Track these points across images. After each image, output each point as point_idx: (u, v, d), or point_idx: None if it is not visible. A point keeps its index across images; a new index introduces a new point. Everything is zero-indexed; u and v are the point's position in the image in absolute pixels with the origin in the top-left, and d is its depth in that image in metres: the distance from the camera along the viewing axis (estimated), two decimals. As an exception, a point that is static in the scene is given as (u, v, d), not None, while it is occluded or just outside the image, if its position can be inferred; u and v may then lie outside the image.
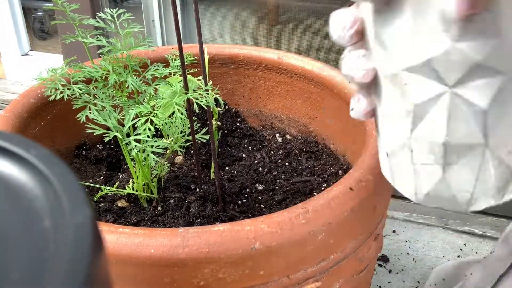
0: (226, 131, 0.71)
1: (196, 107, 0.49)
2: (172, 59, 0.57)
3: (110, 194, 0.56)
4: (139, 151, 0.46)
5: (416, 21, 0.28)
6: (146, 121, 0.46)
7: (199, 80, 0.57)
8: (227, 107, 0.75)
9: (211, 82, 0.66)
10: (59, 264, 0.17)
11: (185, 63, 0.50)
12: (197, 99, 0.47)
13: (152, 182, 0.54)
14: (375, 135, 0.52)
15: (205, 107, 0.48)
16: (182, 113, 0.46)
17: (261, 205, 0.55)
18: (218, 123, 0.70)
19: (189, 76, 0.51)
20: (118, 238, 0.38)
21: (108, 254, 0.38)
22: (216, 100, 0.54)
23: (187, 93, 0.49)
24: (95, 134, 0.45)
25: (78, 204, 0.19)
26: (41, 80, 0.49)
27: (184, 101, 0.48)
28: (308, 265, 0.42)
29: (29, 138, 0.22)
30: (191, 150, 0.63)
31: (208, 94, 0.48)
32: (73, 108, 0.48)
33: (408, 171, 0.34)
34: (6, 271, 0.17)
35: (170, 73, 0.55)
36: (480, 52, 0.27)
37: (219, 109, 0.73)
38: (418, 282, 0.78)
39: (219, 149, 0.67)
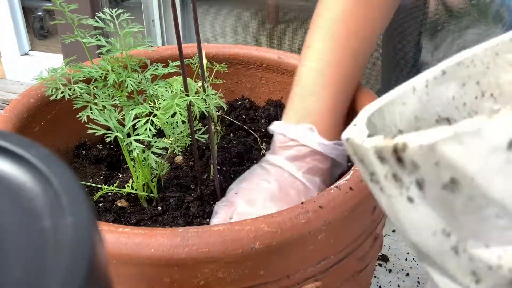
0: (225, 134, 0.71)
1: (197, 111, 0.49)
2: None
3: (110, 194, 0.56)
4: (139, 151, 0.46)
5: None
6: (146, 122, 0.46)
7: (197, 81, 0.57)
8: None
9: (210, 80, 0.66)
10: (59, 264, 0.17)
11: (185, 63, 0.50)
12: (198, 104, 0.47)
13: (152, 182, 0.54)
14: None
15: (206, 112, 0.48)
16: (182, 115, 0.46)
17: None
18: (218, 128, 0.70)
19: (188, 79, 0.51)
20: (118, 238, 0.38)
21: (108, 254, 0.38)
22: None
23: (188, 95, 0.49)
24: (96, 134, 0.45)
25: (78, 204, 0.19)
26: (41, 80, 0.49)
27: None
28: (308, 265, 0.42)
29: (29, 138, 0.22)
30: (191, 150, 0.63)
31: (208, 98, 0.48)
32: (73, 107, 0.48)
33: None
34: (6, 271, 0.18)
35: (170, 73, 0.55)
36: None
37: (218, 113, 0.73)
38: (418, 282, 0.78)
39: (219, 149, 0.67)
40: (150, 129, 0.46)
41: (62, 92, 0.48)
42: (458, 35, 0.95)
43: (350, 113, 0.62)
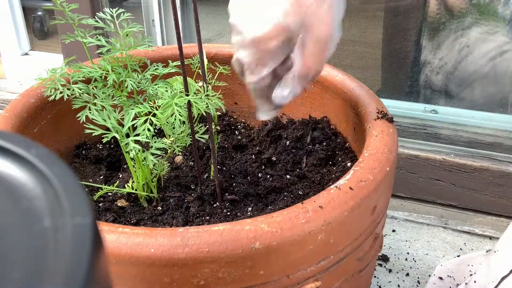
0: (226, 135, 0.71)
1: (195, 111, 0.49)
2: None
3: (110, 194, 0.56)
4: (138, 151, 0.46)
5: None
6: (145, 121, 0.46)
7: (197, 82, 0.57)
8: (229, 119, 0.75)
9: (213, 82, 0.66)
10: (59, 264, 0.17)
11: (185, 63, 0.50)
12: (197, 103, 0.47)
13: (152, 182, 0.54)
14: (374, 135, 0.52)
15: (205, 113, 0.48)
16: (181, 115, 0.46)
17: (260, 204, 0.55)
18: (218, 127, 0.70)
19: (189, 79, 0.51)
20: (118, 237, 0.38)
21: (108, 253, 0.38)
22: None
23: (188, 95, 0.49)
24: (94, 135, 0.45)
25: (78, 204, 0.19)
26: (40, 80, 0.49)
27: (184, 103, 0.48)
28: (308, 264, 0.42)
29: (29, 137, 0.22)
30: (191, 150, 0.63)
31: (208, 98, 0.48)
32: (72, 108, 0.48)
33: None
34: (6, 270, 0.17)
35: (170, 73, 0.55)
36: None
37: (218, 113, 0.73)
38: (418, 281, 0.78)
39: (219, 150, 0.67)
40: (149, 129, 0.46)
41: (61, 93, 0.48)
42: (460, 34, 0.95)
43: (351, 115, 0.62)
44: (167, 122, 0.53)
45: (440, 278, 0.74)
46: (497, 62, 0.93)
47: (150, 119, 0.47)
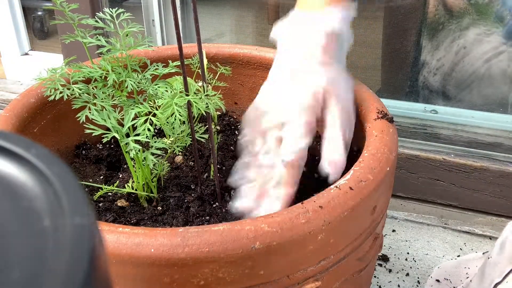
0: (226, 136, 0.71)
1: (195, 111, 0.49)
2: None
3: (110, 194, 0.56)
4: (138, 151, 0.46)
5: None
6: (145, 121, 0.46)
7: (197, 82, 0.57)
8: (229, 118, 0.75)
9: (214, 82, 0.67)
10: (58, 264, 0.17)
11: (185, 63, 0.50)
12: (197, 103, 0.47)
13: (152, 182, 0.54)
14: (374, 135, 0.52)
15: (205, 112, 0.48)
16: (181, 114, 0.46)
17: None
18: (218, 127, 0.70)
19: (189, 79, 0.51)
20: (118, 237, 0.38)
21: (108, 253, 0.38)
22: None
23: (188, 95, 0.49)
24: (94, 135, 0.45)
25: (78, 204, 0.19)
26: (40, 80, 0.49)
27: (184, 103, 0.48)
28: (308, 264, 0.42)
29: (29, 137, 0.22)
30: (191, 150, 0.63)
31: (208, 97, 0.48)
32: (73, 108, 0.48)
33: None
34: (5, 271, 0.17)
35: (170, 73, 0.55)
36: None
37: (218, 113, 0.73)
38: (418, 281, 0.78)
39: (219, 151, 0.67)
40: (149, 129, 0.46)
41: (61, 93, 0.48)
42: (459, 35, 0.95)
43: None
44: (167, 122, 0.53)
45: (437, 280, 0.74)
46: (493, 63, 0.93)
47: (150, 119, 0.47)
